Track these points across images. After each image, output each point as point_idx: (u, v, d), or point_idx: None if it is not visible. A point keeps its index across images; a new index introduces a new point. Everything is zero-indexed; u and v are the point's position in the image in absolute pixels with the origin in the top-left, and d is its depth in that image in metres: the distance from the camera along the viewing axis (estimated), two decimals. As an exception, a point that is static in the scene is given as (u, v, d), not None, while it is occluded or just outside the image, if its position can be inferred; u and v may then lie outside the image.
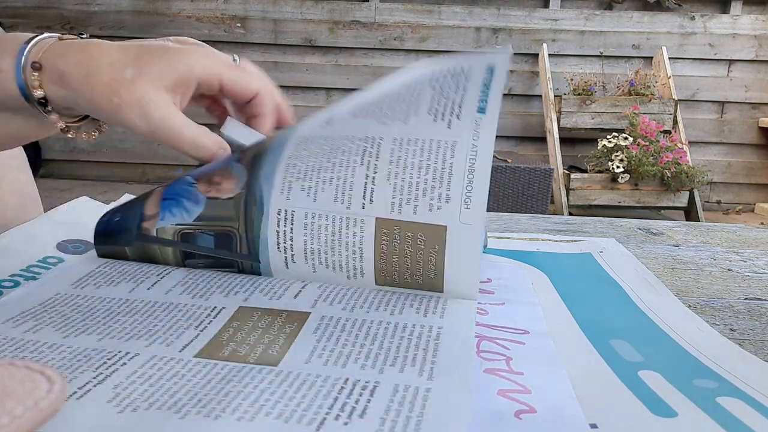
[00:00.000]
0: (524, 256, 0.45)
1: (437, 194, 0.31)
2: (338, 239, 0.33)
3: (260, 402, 0.22)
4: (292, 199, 0.33)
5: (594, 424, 0.22)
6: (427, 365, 0.25)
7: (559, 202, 2.70)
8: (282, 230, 0.33)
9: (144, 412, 0.21)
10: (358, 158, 0.33)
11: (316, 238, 0.33)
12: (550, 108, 2.83)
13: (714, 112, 3.13)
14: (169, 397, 0.22)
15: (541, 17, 3.05)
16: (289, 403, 0.22)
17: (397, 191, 0.32)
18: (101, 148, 3.05)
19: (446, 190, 0.31)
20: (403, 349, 0.27)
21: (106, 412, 0.21)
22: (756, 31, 3.03)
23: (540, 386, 0.25)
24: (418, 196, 0.31)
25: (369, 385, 0.24)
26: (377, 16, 3.05)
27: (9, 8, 2.97)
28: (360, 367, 0.25)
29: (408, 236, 0.32)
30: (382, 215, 0.32)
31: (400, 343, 0.27)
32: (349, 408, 0.22)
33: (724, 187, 3.21)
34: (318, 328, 0.29)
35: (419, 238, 0.32)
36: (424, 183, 0.31)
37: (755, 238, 0.57)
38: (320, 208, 0.33)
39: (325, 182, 0.33)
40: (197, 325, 0.29)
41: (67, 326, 0.28)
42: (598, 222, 0.62)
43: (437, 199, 0.31)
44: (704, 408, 0.23)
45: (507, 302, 0.34)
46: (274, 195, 0.33)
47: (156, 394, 0.22)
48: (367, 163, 0.32)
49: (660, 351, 0.29)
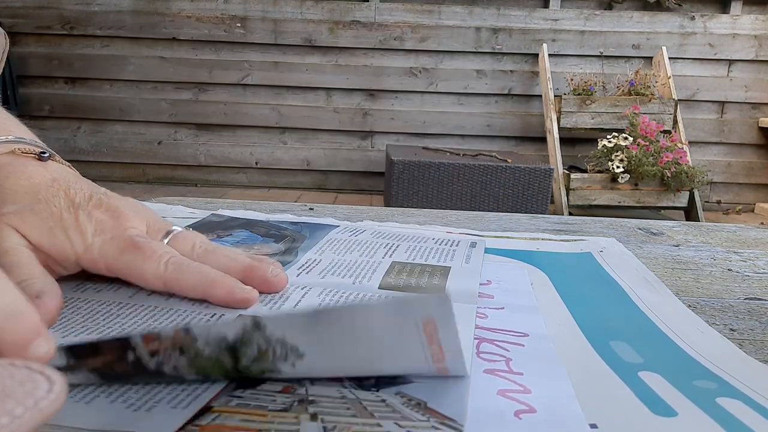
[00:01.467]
0: (524, 255, 0.45)
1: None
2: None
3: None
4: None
5: (594, 423, 0.22)
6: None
7: (559, 202, 2.70)
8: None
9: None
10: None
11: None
12: (550, 108, 2.83)
13: (714, 112, 3.13)
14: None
15: (541, 17, 3.06)
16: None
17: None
18: (101, 148, 3.05)
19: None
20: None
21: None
22: (756, 31, 3.03)
23: (540, 386, 0.25)
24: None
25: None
26: (377, 16, 3.05)
27: (9, 8, 2.97)
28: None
29: (416, 270, 0.38)
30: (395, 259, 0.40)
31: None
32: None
33: (724, 187, 3.21)
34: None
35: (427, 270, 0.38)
36: None
37: (755, 238, 0.57)
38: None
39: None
40: None
41: (66, 328, 0.28)
42: (598, 222, 0.62)
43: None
44: (704, 408, 0.23)
45: (507, 307, 0.34)
46: None
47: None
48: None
49: (660, 352, 0.29)
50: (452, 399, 0.22)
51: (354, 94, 3.14)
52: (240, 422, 0.20)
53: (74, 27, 3.03)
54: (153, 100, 3.11)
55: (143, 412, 0.21)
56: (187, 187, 3.11)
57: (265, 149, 3.18)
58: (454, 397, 0.22)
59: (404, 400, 0.22)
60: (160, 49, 3.08)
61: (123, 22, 3.04)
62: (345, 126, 3.17)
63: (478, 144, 3.14)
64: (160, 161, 3.14)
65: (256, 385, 0.23)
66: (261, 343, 0.21)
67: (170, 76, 3.09)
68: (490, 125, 3.16)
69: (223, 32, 3.05)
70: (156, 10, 3.03)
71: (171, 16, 3.04)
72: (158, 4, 3.03)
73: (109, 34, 3.05)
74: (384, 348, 0.22)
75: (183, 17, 3.04)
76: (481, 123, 3.16)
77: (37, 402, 0.14)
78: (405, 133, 3.17)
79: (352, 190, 3.23)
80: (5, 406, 0.14)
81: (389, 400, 0.22)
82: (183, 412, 0.21)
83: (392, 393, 0.22)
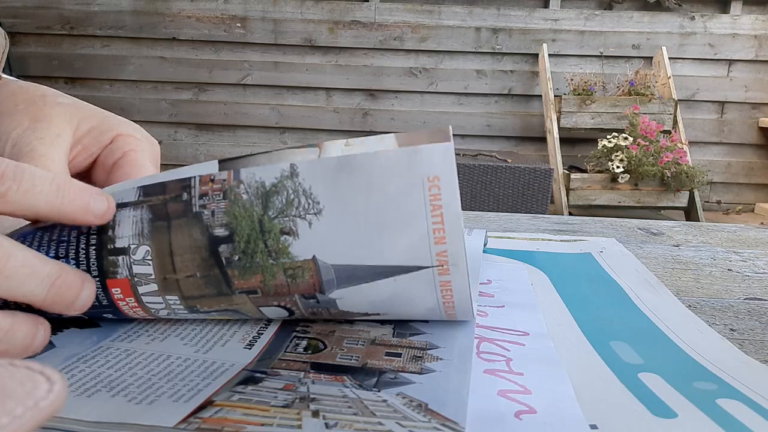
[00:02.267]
0: (524, 255, 0.45)
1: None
2: None
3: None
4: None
5: (594, 424, 0.22)
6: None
7: (559, 202, 2.70)
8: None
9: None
10: None
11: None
12: (550, 108, 2.83)
13: (714, 112, 3.13)
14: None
15: (541, 17, 3.05)
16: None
17: None
18: (101, 148, 3.05)
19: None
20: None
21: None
22: (756, 31, 3.03)
23: (540, 387, 0.25)
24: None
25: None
26: (377, 16, 3.05)
27: (9, 8, 2.97)
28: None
29: None
30: None
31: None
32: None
33: (724, 187, 3.21)
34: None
35: None
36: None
37: (755, 238, 0.57)
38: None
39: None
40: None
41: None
42: (598, 222, 0.62)
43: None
44: (704, 409, 0.23)
45: (507, 305, 0.34)
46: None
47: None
48: None
49: (660, 353, 0.29)
50: (453, 401, 0.22)
51: (354, 94, 3.14)
52: (242, 416, 0.20)
53: (74, 27, 3.03)
54: (153, 100, 3.11)
55: (145, 405, 0.21)
56: (187, 187, 3.10)
57: (265, 149, 3.17)
58: (454, 399, 0.22)
59: (405, 401, 0.22)
60: (160, 49, 3.08)
61: (123, 22, 3.04)
62: (345, 126, 3.16)
63: (478, 144, 3.14)
64: (161, 161, 3.14)
65: (258, 383, 0.23)
66: (290, 192, 0.24)
67: (170, 76, 3.09)
68: (490, 125, 3.16)
69: (223, 32, 3.05)
70: (156, 10, 3.03)
71: (171, 16, 3.04)
72: (158, 4, 3.03)
73: (109, 34, 3.04)
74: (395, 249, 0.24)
75: (183, 17, 3.04)
76: (481, 123, 3.16)
77: (37, 402, 0.14)
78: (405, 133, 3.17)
79: (352, 190, 3.22)
80: (5, 406, 0.14)
81: (390, 401, 0.22)
82: (184, 405, 0.21)
83: (393, 394, 0.22)
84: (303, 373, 0.24)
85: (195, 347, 0.26)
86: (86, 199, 0.24)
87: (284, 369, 0.24)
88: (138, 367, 0.24)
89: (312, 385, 0.23)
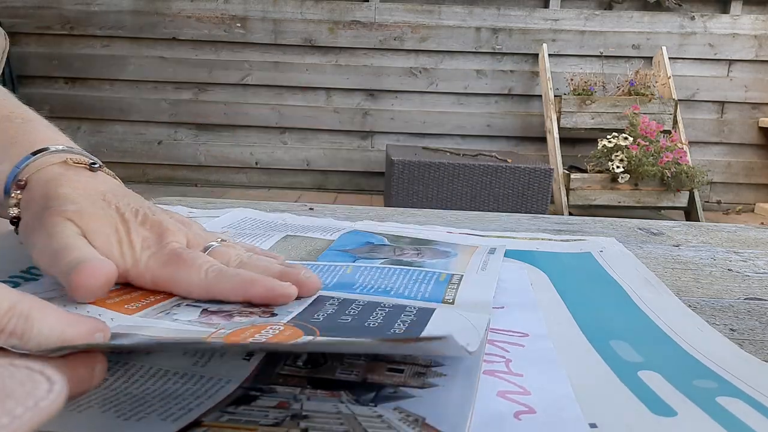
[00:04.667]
0: (524, 255, 0.45)
1: None
2: None
3: None
4: None
5: (593, 423, 0.22)
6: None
7: (559, 202, 2.70)
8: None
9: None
10: None
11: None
12: (550, 108, 2.83)
13: (714, 112, 3.13)
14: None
15: (541, 17, 3.05)
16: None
17: None
18: (101, 148, 3.05)
19: None
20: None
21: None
22: (756, 31, 3.03)
23: (539, 387, 0.25)
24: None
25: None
26: (377, 16, 3.05)
27: (9, 8, 2.97)
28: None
29: None
30: None
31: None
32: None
33: (724, 187, 3.21)
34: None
35: None
36: None
37: (755, 238, 0.57)
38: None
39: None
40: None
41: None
42: (598, 222, 0.62)
43: None
44: (704, 407, 0.23)
45: (507, 306, 0.34)
46: None
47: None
48: None
49: (660, 352, 0.29)
50: (452, 416, 0.22)
51: (354, 94, 3.14)
52: None
53: (74, 27, 3.03)
54: (153, 100, 3.11)
55: (133, 421, 0.21)
56: (187, 187, 3.11)
57: (265, 149, 3.18)
58: (454, 414, 0.22)
59: (402, 416, 0.21)
60: (160, 49, 3.08)
61: (123, 22, 3.04)
62: (345, 126, 3.17)
63: (478, 144, 3.14)
64: (160, 161, 3.14)
65: (251, 401, 0.23)
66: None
67: (170, 76, 3.09)
68: (490, 125, 3.16)
69: (223, 32, 3.05)
70: (156, 10, 3.03)
71: (171, 16, 3.04)
72: (158, 4, 3.03)
73: (109, 34, 3.04)
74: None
75: (183, 17, 3.04)
76: (481, 123, 3.16)
77: (37, 402, 0.14)
78: (405, 133, 3.17)
79: (352, 190, 3.22)
80: (5, 406, 0.14)
81: (386, 416, 0.21)
82: (172, 424, 0.21)
83: (390, 408, 0.22)
84: (299, 389, 0.24)
85: (193, 358, 0.26)
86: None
87: (280, 385, 0.24)
88: (135, 386, 0.24)
89: (307, 402, 0.23)
